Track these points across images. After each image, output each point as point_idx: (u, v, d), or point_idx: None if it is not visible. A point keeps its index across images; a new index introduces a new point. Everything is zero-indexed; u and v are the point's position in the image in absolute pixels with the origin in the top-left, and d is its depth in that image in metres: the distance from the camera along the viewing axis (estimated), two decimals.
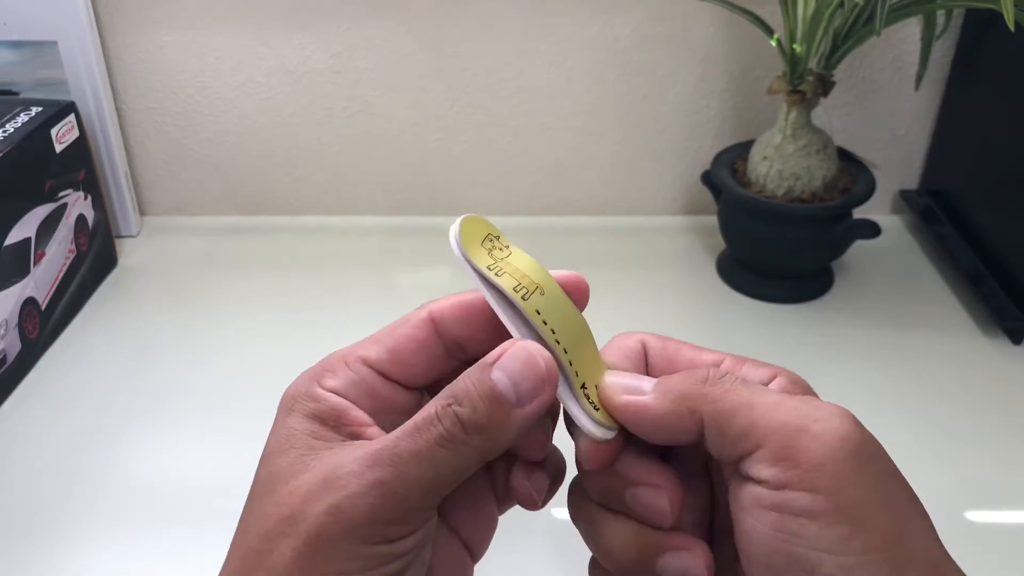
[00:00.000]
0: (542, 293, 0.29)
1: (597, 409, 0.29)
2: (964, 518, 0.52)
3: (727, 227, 0.72)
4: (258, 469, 0.29)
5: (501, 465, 0.32)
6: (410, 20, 0.75)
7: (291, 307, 0.71)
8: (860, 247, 0.71)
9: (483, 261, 0.29)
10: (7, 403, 0.62)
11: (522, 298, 0.29)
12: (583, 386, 0.29)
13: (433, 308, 0.31)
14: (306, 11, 0.74)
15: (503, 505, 0.32)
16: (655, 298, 0.72)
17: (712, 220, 0.74)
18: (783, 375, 0.29)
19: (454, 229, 0.30)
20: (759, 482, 0.26)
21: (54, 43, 0.72)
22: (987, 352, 0.65)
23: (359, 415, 0.29)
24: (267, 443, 0.29)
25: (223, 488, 0.55)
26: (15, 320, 0.63)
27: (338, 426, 0.28)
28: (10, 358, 0.62)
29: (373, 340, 0.31)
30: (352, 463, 0.26)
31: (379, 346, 0.30)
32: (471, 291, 0.31)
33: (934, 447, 0.57)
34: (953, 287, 0.72)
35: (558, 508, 0.32)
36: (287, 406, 0.30)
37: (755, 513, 0.26)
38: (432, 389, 0.30)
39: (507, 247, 0.30)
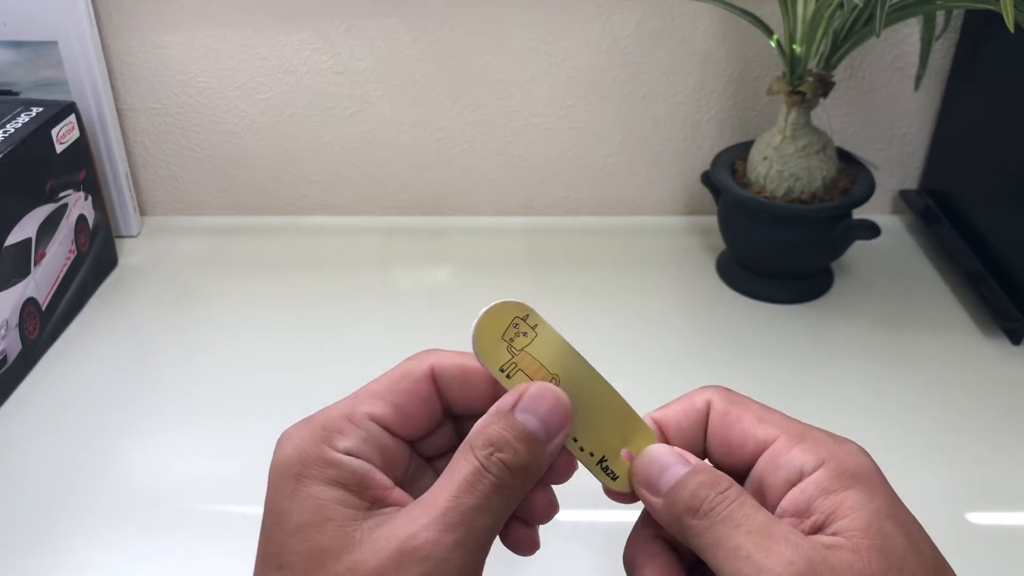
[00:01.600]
0: (557, 382, 0.30)
1: (615, 478, 0.31)
2: (964, 519, 0.52)
3: (727, 227, 0.72)
4: (285, 542, 0.28)
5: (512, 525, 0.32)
6: (410, 20, 0.75)
7: (291, 307, 0.71)
8: (860, 247, 0.71)
9: (497, 360, 0.30)
10: (7, 403, 0.62)
11: None
12: (602, 460, 0.31)
13: (436, 365, 0.31)
14: (306, 11, 0.74)
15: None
16: (655, 298, 0.72)
17: (712, 220, 0.74)
18: (832, 463, 0.29)
19: (473, 328, 0.30)
20: None
21: (54, 43, 0.72)
22: (987, 352, 0.65)
23: (380, 478, 0.29)
24: (284, 513, 0.28)
25: (223, 488, 0.55)
26: (15, 320, 0.63)
27: (362, 490, 0.29)
28: (10, 358, 0.62)
29: (373, 395, 0.31)
30: (426, 531, 0.27)
31: (383, 402, 0.31)
32: (470, 355, 0.31)
33: (934, 448, 0.57)
34: (953, 287, 0.72)
35: (560, 510, 0.32)
36: (296, 472, 0.29)
37: None
38: (417, 443, 0.32)
39: (533, 328, 0.30)
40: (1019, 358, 0.64)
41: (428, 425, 0.31)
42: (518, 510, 0.30)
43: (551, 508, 0.31)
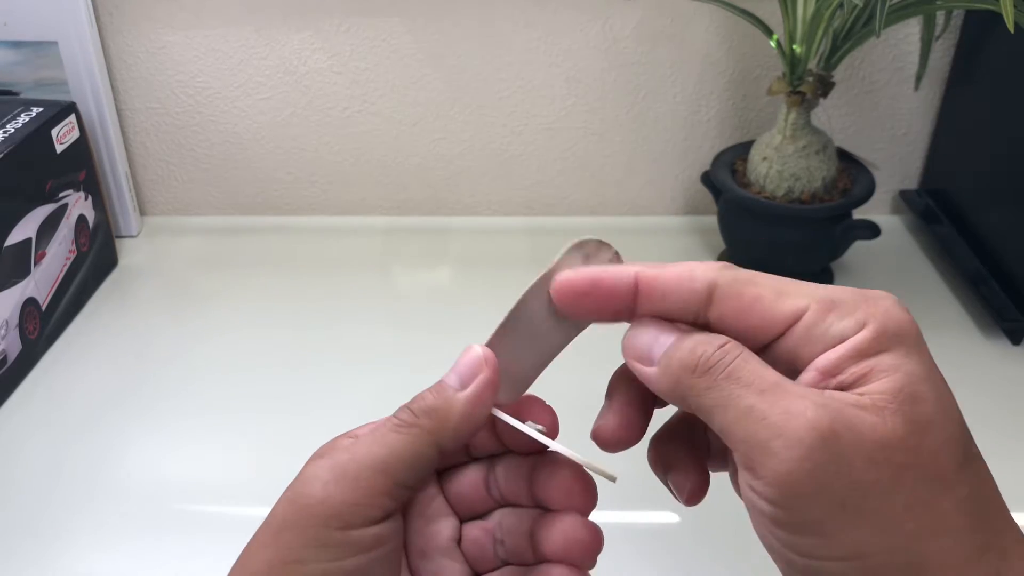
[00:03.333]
0: None
1: None
2: None
3: (727, 227, 0.72)
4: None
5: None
6: (410, 20, 0.75)
7: (291, 307, 0.71)
8: (860, 247, 0.71)
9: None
10: (8, 403, 0.62)
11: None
12: None
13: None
14: (306, 11, 0.74)
15: None
16: None
17: (712, 220, 0.74)
18: (872, 325, 0.26)
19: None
20: (740, 476, 0.26)
21: (54, 43, 0.72)
22: (987, 352, 0.65)
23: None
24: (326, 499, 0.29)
25: (223, 488, 0.55)
26: (16, 320, 0.63)
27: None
28: (11, 358, 0.62)
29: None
30: (315, 463, 0.28)
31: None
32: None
33: None
34: (953, 287, 0.72)
35: None
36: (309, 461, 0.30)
37: (745, 503, 0.27)
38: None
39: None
40: (1019, 358, 0.64)
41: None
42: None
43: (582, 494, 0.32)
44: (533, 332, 0.31)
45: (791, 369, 0.27)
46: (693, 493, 0.32)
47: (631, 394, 0.31)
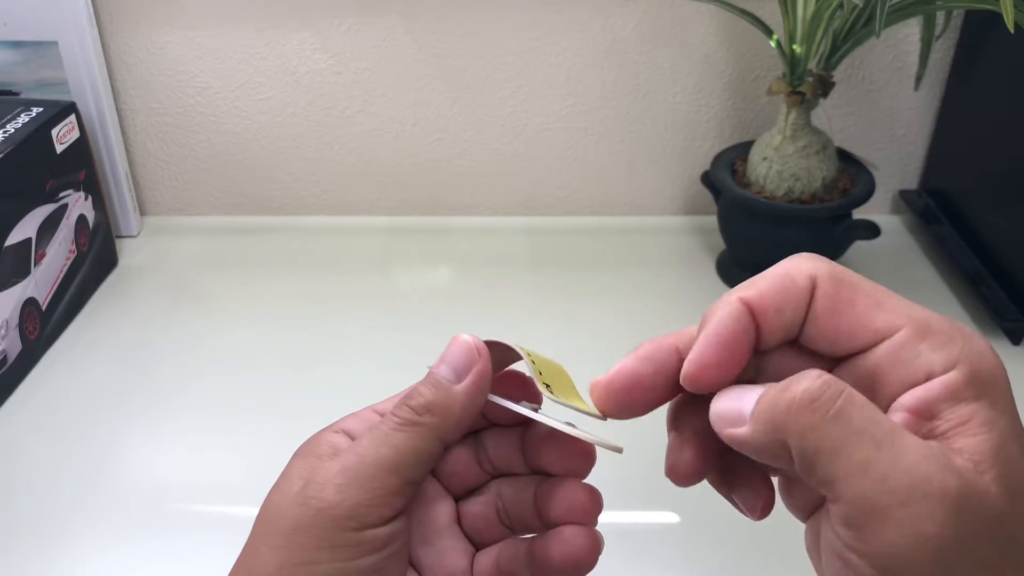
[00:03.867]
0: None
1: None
2: None
3: (727, 227, 0.72)
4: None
5: (485, 556, 0.32)
6: (410, 20, 0.75)
7: (291, 307, 0.71)
8: (860, 247, 0.71)
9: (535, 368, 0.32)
10: (8, 403, 0.62)
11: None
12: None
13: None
14: (306, 11, 0.74)
15: None
16: (655, 298, 0.72)
17: (712, 220, 0.74)
18: (965, 366, 0.24)
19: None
20: (834, 527, 0.24)
21: (54, 43, 0.72)
22: None
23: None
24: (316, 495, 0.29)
25: (222, 488, 0.55)
26: (16, 320, 0.63)
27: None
28: (11, 358, 0.62)
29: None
30: (323, 466, 0.28)
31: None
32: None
33: None
34: (953, 287, 0.72)
35: None
36: (295, 455, 0.31)
37: (827, 548, 0.25)
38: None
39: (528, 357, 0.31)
40: (1019, 358, 0.64)
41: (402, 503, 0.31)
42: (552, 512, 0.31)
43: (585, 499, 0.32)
44: None
45: (867, 389, 0.25)
46: (764, 508, 0.29)
47: (697, 423, 0.29)
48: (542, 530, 0.31)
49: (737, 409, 0.26)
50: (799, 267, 0.26)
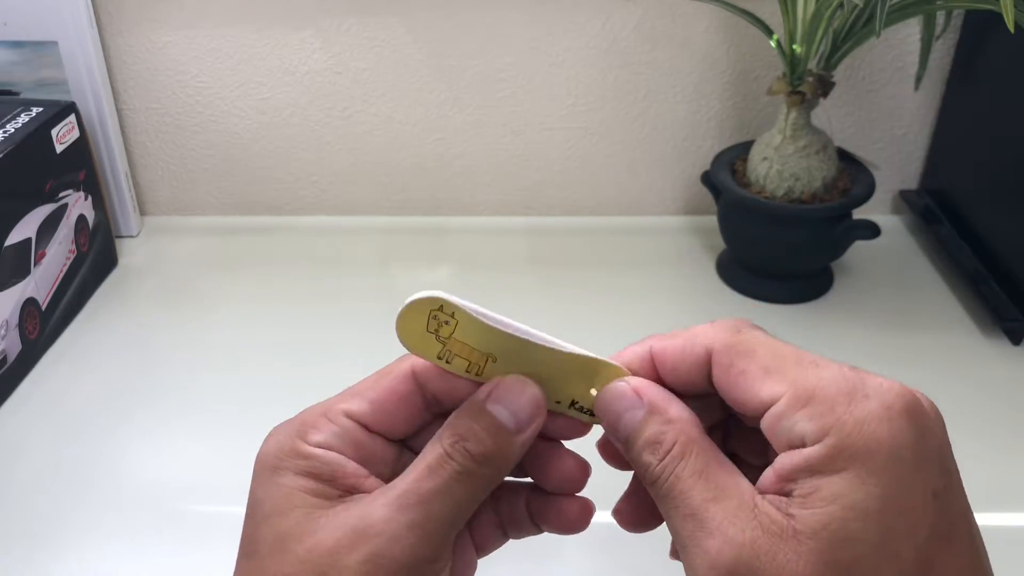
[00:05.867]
0: (494, 360, 0.30)
1: (592, 415, 0.31)
2: None
3: (727, 227, 0.72)
4: (256, 529, 0.28)
5: (481, 510, 0.32)
6: (410, 20, 0.75)
7: (291, 307, 0.71)
8: (860, 247, 0.71)
9: (432, 350, 0.30)
10: (7, 403, 0.62)
11: (476, 375, 0.30)
12: (573, 403, 0.31)
13: (416, 363, 0.31)
14: (306, 11, 0.74)
15: (488, 547, 0.33)
16: (655, 298, 0.72)
17: (712, 220, 0.74)
18: (833, 438, 0.25)
19: (396, 330, 0.30)
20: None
21: (54, 43, 0.72)
22: (987, 352, 0.65)
23: (353, 468, 0.29)
24: (258, 503, 0.29)
25: (222, 488, 0.55)
26: (15, 320, 0.63)
27: (334, 480, 0.29)
28: (11, 358, 0.62)
29: (353, 393, 0.31)
30: (381, 510, 0.27)
31: (361, 399, 0.30)
32: None
33: None
34: (953, 287, 0.72)
35: None
36: (272, 464, 0.29)
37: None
38: (409, 441, 0.31)
39: (451, 316, 0.30)
40: (1019, 358, 0.64)
41: (410, 422, 0.31)
42: (549, 483, 0.31)
43: (578, 473, 0.31)
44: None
45: (767, 453, 0.27)
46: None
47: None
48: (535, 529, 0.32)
49: (615, 423, 0.29)
50: (704, 334, 0.29)
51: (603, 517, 0.33)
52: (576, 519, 0.31)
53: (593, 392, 0.30)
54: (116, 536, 0.52)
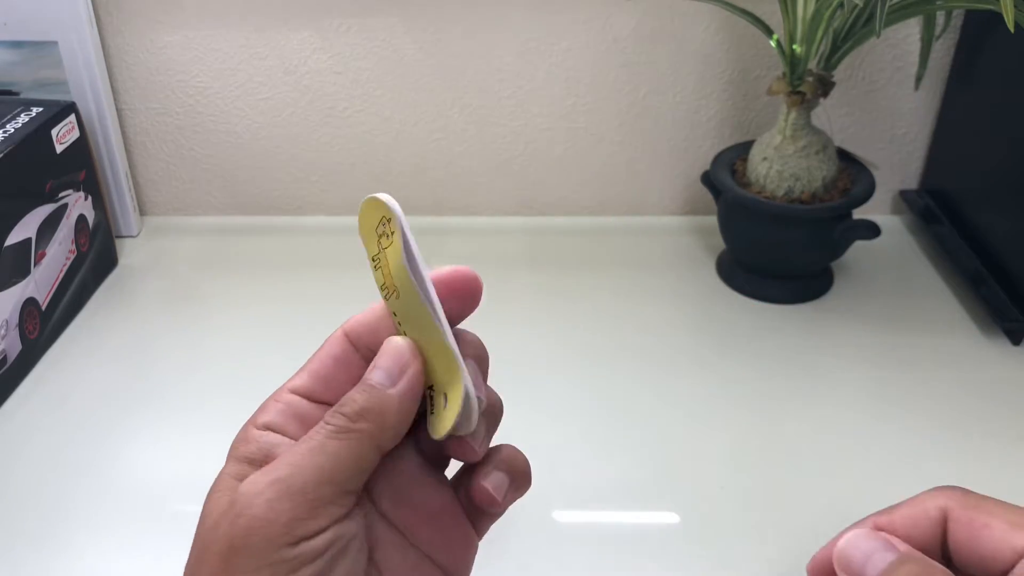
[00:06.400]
0: (398, 297, 0.30)
1: (434, 412, 0.30)
2: None
3: (727, 227, 0.72)
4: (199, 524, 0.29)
5: (469, 483, 0.32)
6: (410, 20, 0.75)
7: (291, 307, 0.71)
8: (860, 247, 0.71)
9: (371, 249, 0.31)
10: (8, 403, 0.62)
11: (385, 298, 0.30)
12: (430, 388, 0.30)
13: (346, 325, 0.31)
14: (306, 11, 0.74)
15: (480, 526, 0.32)
16: (655, 298, 0.72)
17: (712, 220, 0.74)
18: None
19: (359, 209, 0.30)
20: None
21: (54, 43, 0.72)
22: (987, 352, 0.65)
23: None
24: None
25: None
26: (15, 320, 0.63)
27: (266, 464, 0.29)
28: (10, 358, 0.62)
29: (299, 371, 0.32)
30: (250, 478, 0.28)
31: (302, 372, 0.31)
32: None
33: (933, 448, 0.57)
34: (953, 287, 0.72)
35: (559, 511, 0.32)
36: (229, 455, 0.30)
37: None
38: None
39: (391, 235, 0.30)
40: (1019, 358, 0.64)
41: (351, 384, 0.30)
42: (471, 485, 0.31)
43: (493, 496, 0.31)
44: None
45: None
46: None
47: None
48: None
49: (861, 565, 0.28)
50: (933, 499, 0.29)
51: (604, 517, 0.33)
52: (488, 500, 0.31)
53: (443, 397, 0.30)
54: (115, 535, 0.52)
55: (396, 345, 0.30)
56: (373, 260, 0.30)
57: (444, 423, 0.29)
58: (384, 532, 0.30)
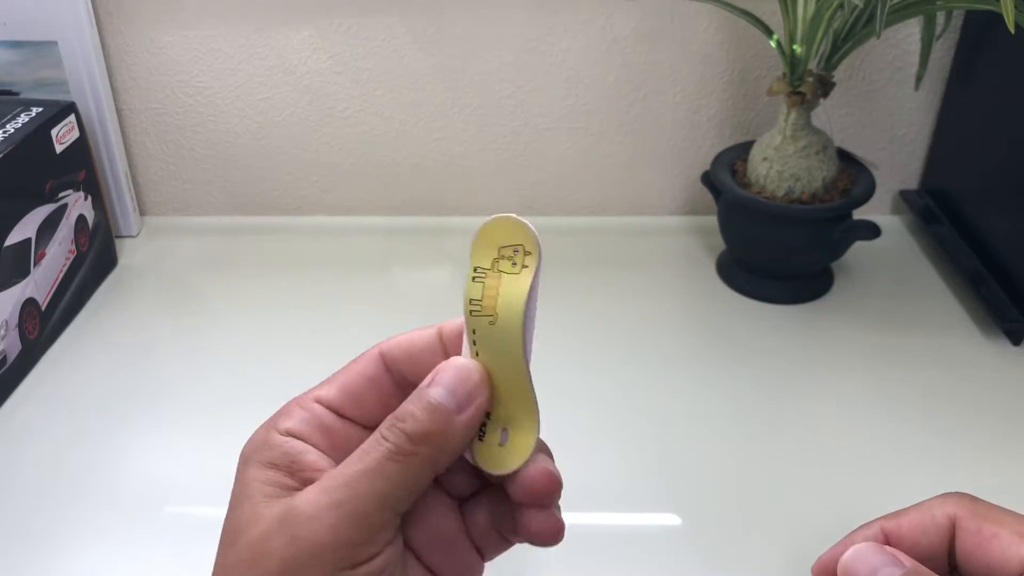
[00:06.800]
0: (492, 322, 0.29)
1: (501, 445, 0.29)
2: None
3: (727, 228, 0.72)
4: (224, 522, 0.29)
5: (478, 511, 0.31)
6: (410, 20, 0.75)
7: (291, 307, 0.71)
8: (860, 248, 0.71)
9: (480, 261, 0.30)
10: (7, 404, 0.62)
11: (470, 313, 0.29)
12: (487, 414, 0.29)
13: (384, 345, 0.31)
14: (306, 11, 0.74)
15: (487, 552, 0.32)
16: (655, 298, 0.72)
17: (712, 220, 0.74)
18: None
19: (488, 220, 0.30)
20: None
21: (54, 43, 0.72)
22: (987, 353, 0.65)
23: (314, 459, 0.29)
24: (231, 495, 0.29)
25: (222, 489, 0.55)
26: (15, 321, 0.63)
27: (292, 472, 0.28)
28: (10, 359, 0.62)
29: (327, 381, 0.31)
30: (307, 494, 0.27)
31: (331, 385, 0.31)
32: (424, 328, 0.31)
33: (933, 448, 0.57)
34: (953, 287, 0.72)
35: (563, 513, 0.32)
36: (246, 455, 0.30)
37: None
38: None
39: (522, 265, 0.29)
40: (1019, 358, 0.64)
41: (380, 406, 0.30)
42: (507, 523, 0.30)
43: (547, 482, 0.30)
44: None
45: None
46: None
47: None
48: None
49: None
50: (940, 506, 0.29)
51: (604, 518, 0.33)
52: (541, 532, 0.30)
53: (502, 429, 0.29)
54: (115, 536, 0.52)
55: (465, 367, 0.29)
56: (476, 270, 0.29)
57: (508, 460, 0.29)
58: (406, 555, 0.30)
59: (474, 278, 0.30)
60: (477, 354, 0.29)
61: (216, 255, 0.79)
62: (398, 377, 0.31)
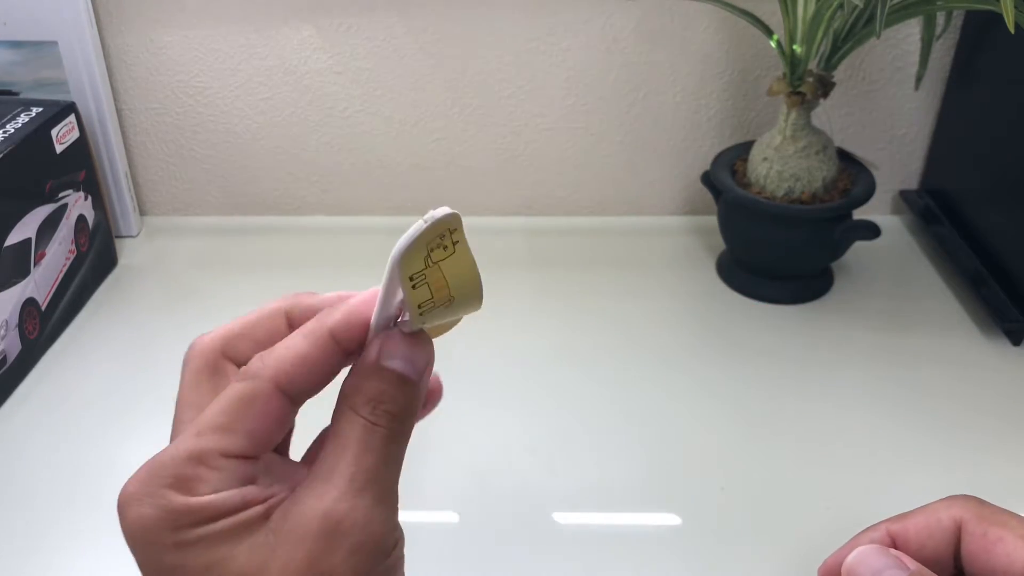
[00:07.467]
0: (450, 302, 0.29)
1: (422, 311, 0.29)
2: None
3: (727, 228, 0.72)
4: None
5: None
6: (410, 20, 0.75)
7: None
8: (860, 248, 0.71)
9: (412, 268, 0.29)
10: (7, 403, 0.62)
11: (421, 313, 0.29)
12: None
13: (278, 376, 0.29)
14: (306, 11, 0.74)
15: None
16: (655, 298, 0.72)
17: (712, 220, 0.74)
18: None
19: (412, 232, 0.29)
20: None
21: (54, 43, 0.72)
22: (987, 353, 0.65)
23: (255, 493, 0.28)
24: (180, 566, 0.28)
25: None
26: (15, 321, 0.63)
27: (246, 509, 0.27)
28: (10, 359, 0.62)
29: (216, 428, 0.29)
30: (339, 502, 0.26)
31: (233, 435, 0.29)
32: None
33: (933, 448, 0.57)
34: (953, 287, 0.72)
35: (559, 513, 0.32)
36: (171, 527, 0.28)
37: None
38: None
39: (454, 244, 0.29)
40: (1019, 358, 0.64)
41: (284, 433, 0.30)
42: None
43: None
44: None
45: None
46: None
47: None
48: None
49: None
50: (947, 509, 0.30)
51: (604, 519, 0.33)
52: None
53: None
54: (115, 536, 0.52)
55: (419, 339, 0.29)
56: (412, 278, 0.29)
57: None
58: None
59: (414, 286, 0.29)
60: (421, 329, 0.29)
61: (216, 255, 0.79)
62: (295, 397, 0.30)
